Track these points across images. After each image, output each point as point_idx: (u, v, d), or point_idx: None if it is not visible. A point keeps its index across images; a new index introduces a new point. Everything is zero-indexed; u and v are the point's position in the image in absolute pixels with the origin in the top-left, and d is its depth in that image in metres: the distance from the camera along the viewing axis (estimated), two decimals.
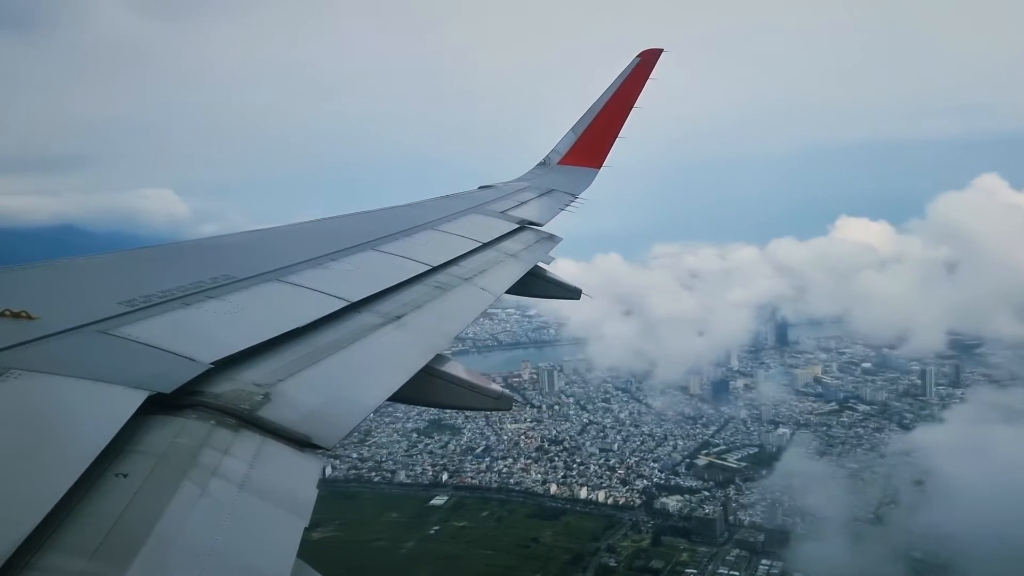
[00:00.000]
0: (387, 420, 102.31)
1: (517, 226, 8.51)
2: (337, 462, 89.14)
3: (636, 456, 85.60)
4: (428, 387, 4.34)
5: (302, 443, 2.83)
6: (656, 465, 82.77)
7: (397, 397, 4.03)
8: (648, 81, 13.09)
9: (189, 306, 3.78)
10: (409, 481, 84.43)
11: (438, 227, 7.55)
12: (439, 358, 4.45)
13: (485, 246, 7.17)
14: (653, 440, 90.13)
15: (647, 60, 13.20)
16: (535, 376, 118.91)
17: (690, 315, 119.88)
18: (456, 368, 4.60)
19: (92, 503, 2.07)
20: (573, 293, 8.30)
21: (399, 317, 4.54)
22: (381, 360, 4.03)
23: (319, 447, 2.86)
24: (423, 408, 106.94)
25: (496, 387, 4.81)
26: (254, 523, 2.35)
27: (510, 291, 7.12)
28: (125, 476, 2.21)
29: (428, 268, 5.75)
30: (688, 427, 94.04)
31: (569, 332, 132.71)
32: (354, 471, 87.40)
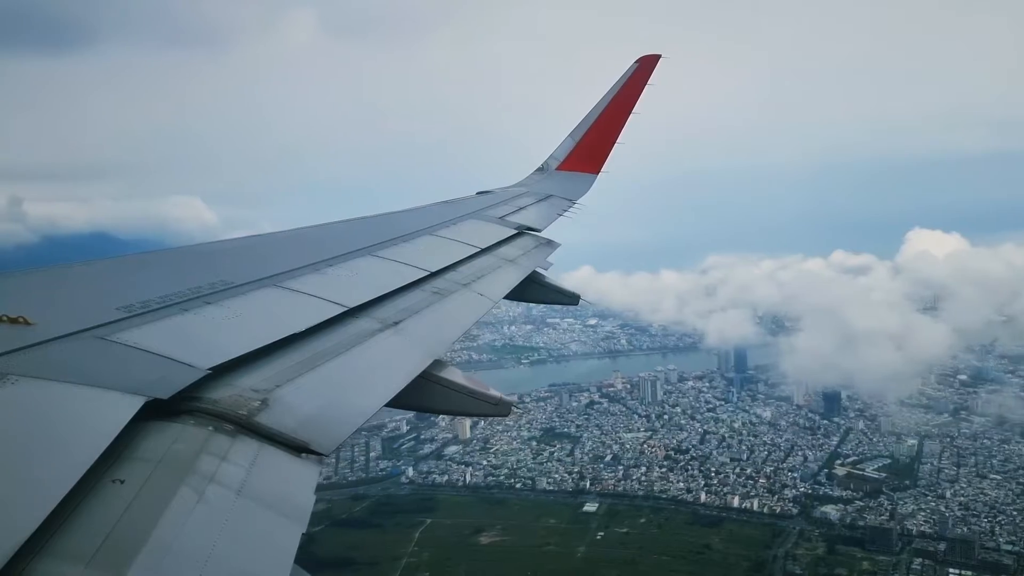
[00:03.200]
0: (499, 429, 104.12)
1: (515, 232, 8.47)
2: (471, 468, 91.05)
3: (770, 465, 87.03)
4: (428, 393, 4.33)
5: (300, 449, 2.85)
6: (795, 475, 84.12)
7: (397, 403, 4.12)
8: (646, 87, 13.14)
9: (187, 312, 3.79)
10: (551, 488, 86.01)
11: (436, 232, 7.48)
12: (438, 364, 4.45)
13: (483, 252, 7.13)
14: (779, 450, 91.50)
15: (645, 65, 13.22)
16: (628, 385, 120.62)
17: (881, 329, 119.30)
18: (455, 374, 4.58)
19: (89, 509, 2.08)
20: (571, 298, 8.32)
21: (397, 323, 4.54)
22: (379, 366, 4.03)
23: (317, 453, 2.88)
24: (532, 418, 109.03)
25: (495, 393, 4.72)
26: (251, 529, 2.37)
27: (509, 296, 7.24)
28: (122, 482, 2.22)
29: (427, 274, 5.75)
30: (809, 437, 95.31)
31: (710, 342, 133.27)
32: (491, 477, 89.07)
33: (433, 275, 5.79)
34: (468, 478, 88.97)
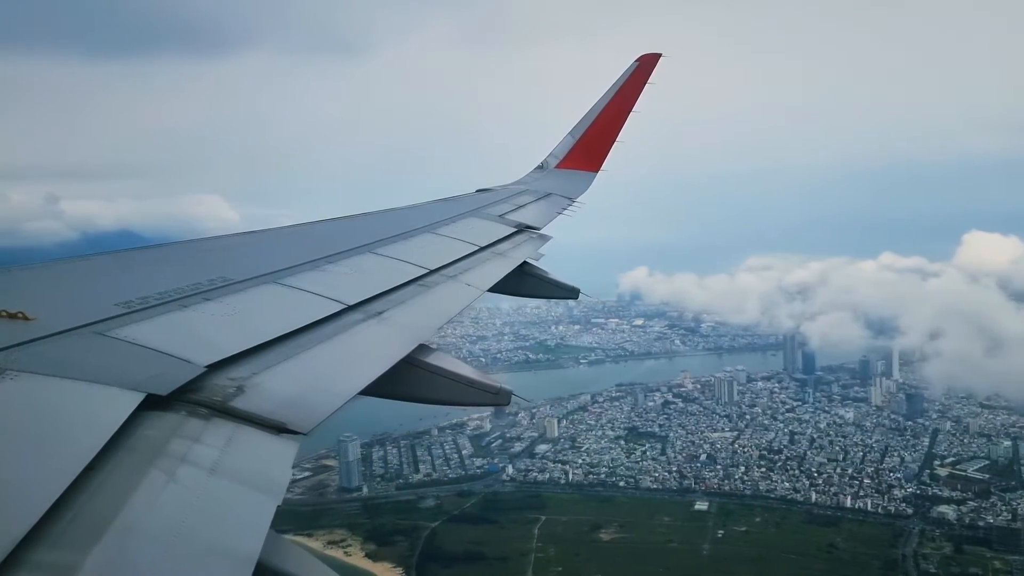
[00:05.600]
0: (583, 428, 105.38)
1: (515, 230, 8.48)
2: (569, 468, 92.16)
3: (869, 466, 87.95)
4: (424, 382, 4.34)
5: (278, 429, 2.88)
6: (897, 475, 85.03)
7: (393, 394, 4.17)
8: (646, 86, 13.13)
9: (186, 308, 3.79)
10: (656, 486, 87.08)
11: (436, 230, 7.48)
12: (435, 354, 4.47)
13: (482, 249, 7.16)
14: (874, 451, 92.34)
15: (645, 64, 13.20)
16: (698, 385, 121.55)
17: None
18: (452, 363, 4.58)
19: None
20: (571, 293, 8.35)
21: (380, 312, 4.56)
22: (360, 351, 4.04)
23: (295, 432, 2.91)
24: (612, 417, 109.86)
25: (494, 382, 4.69)
26: (223, 505, 2.40)
27: (508, 291, 7.32)
28: (91, 469, 2.23)
29: (426, 271, 5.75)
30: (898, 438, 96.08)
31: (815, 345, 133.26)
32: (592, 475, 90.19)
33: (432, 272, 5.80)
34: (570, 476, 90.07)
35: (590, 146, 13.16)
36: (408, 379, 4.19)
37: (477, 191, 11.25)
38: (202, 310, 3.84)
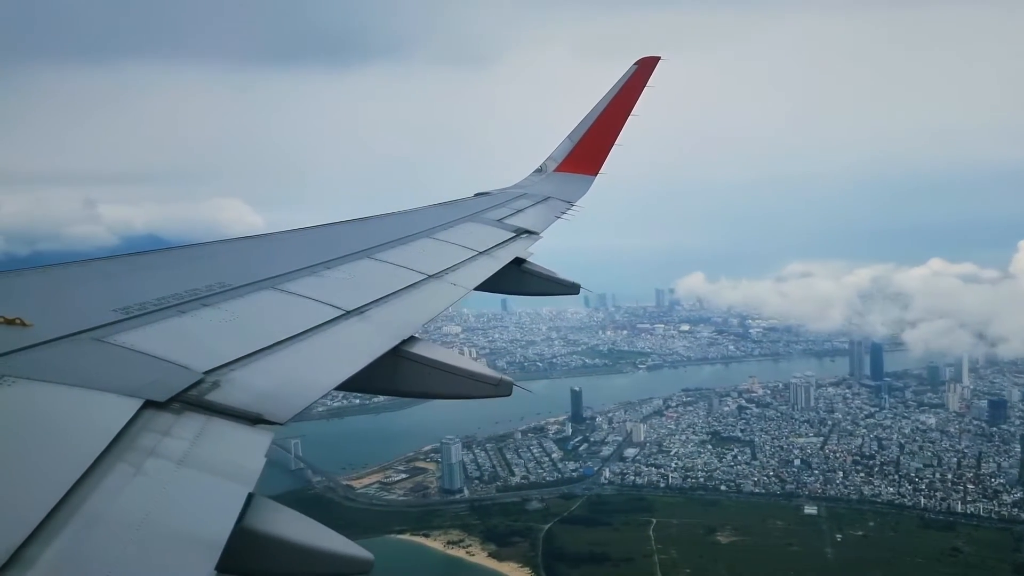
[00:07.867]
0: (664, 432, 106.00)
1: (513, 234, 8.46)
2: (665, 471, 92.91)
3: (968, 471, 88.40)
4: (424, 378, 4.33)
5: (254, 421, 2.90)
6: (1000, 480, 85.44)
7: (394, 390, 4.25)
8: (645, 88, 13.06)
9: (184, 314, 3.80)
10: (758, 490, 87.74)
11: (434, 235, 7.46)
12: (432, 348, 4.46)
13: (481, 255, 7.14)
14: (967, 456, 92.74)
15: (644, 67, 13.18)
16: (769, 390, 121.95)
17: None
18: (452, 356, 4.57)
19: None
20: (571, 289, 8.35)
21: (362, 311, 4.55)
22: (340, 346, 4.05)
23: (271, 423, 2.94)
24: (690, 422, 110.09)
25: (494, 373, 4.65)
26: (191, 494, 2.42)
27: (508, 291, 7.49)
28: (90, 475, 2.24)
29: (424, 277, 5.75)
30: (987, 444, 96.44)
31: (916, 353, 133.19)
32: (690, 479, 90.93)
33: (431, 278, 5.79)
34: (669, 480, 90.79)
35: (588, 149, 13.09)
36: (405, 374, 4.28)
37: (475, 195, 11.27)
38: (200, 316, 3.85)
